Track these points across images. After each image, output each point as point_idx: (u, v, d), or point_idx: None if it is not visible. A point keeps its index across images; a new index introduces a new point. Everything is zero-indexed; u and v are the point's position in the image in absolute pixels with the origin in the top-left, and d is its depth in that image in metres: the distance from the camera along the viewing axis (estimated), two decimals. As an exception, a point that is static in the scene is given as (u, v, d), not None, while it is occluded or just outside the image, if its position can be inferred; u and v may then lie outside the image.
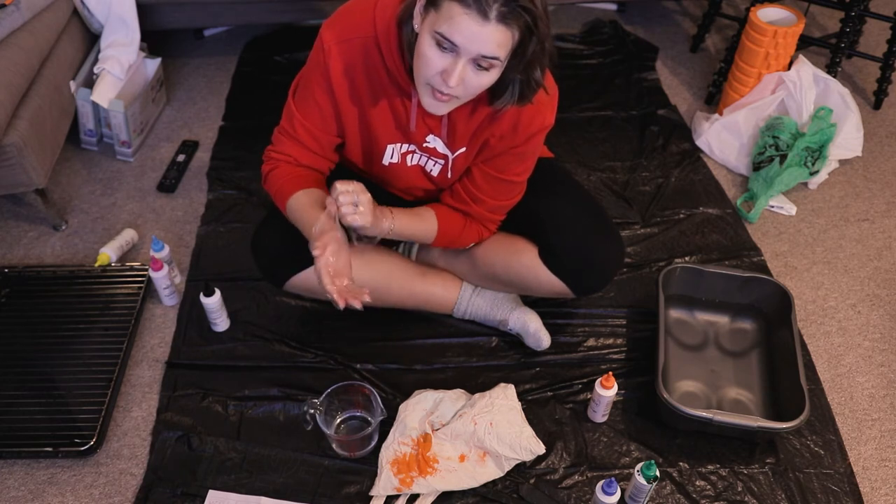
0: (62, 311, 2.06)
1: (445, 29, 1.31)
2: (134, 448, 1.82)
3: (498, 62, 1.35)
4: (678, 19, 3.31)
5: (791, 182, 2.42)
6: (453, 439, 1.75)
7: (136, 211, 2.40)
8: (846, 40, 2.61)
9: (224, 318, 2.03)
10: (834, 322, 2.13)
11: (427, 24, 1.35)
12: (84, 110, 2.50)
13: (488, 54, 1.32)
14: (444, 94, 1.40)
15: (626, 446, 1.83)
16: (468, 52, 1.33)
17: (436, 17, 1.32)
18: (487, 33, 1.30)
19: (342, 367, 1.96)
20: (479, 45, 1.31)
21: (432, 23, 1.33)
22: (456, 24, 1.29)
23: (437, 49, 1.35)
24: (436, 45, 1.34)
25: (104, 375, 1.91)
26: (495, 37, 1.30)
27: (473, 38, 1.30)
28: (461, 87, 1.38)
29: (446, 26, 1.31)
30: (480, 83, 1.39)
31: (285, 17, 2.88)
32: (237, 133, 2.68)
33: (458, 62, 1.34)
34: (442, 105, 1.45)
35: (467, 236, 1.83)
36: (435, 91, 1.41)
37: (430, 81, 1.40)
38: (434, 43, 1.34)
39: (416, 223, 1.74)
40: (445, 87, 1.38)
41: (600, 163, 2.58)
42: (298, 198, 1.66)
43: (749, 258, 2.27)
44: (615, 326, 2.08)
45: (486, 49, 1.32)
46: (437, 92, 1.41)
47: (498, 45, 1.32)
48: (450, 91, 1.38)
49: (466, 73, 1.36)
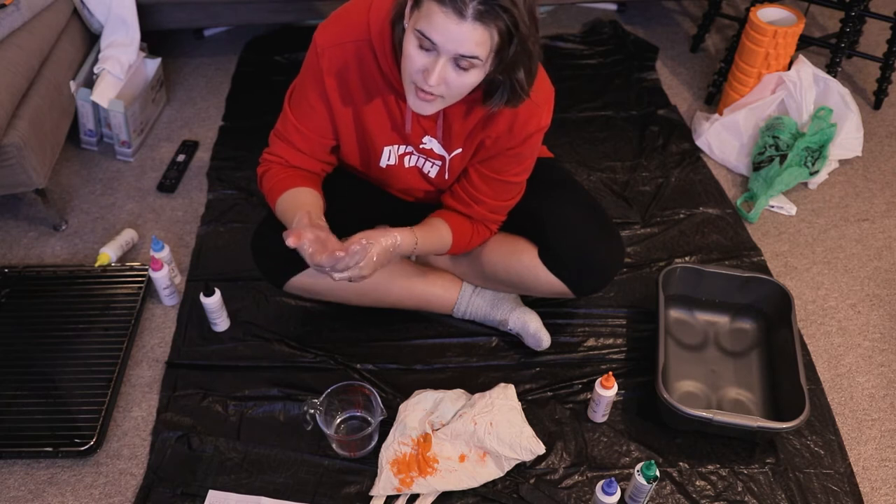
0: (62, 312, 2.06)
1: (424, 27, 1.32)
2: (134, 448, 1.82)
3: (478, 62, 1.35)
4: (678, 19, 3.31)
5: (791, 182, 2.42)
6: (453, 439, 1.75)
7: (136, 211, 2.40)
8: (846, 40, 2.61)
9: (224, 318, 2.03)
10: (834, 322, 2.13)
11: (411, 22, 1.36)
12: (84, 110, 2.50)
13: (466, 53, 1.32)
14: (426, 92, 1.40)
15: (626, 446, 1.83)
16: (447, 51, 1.33)
17: (418, 16, 1.33)
18: (464, 32, 1.30)
19: (342, 367, 1.96)
20: (456, 44, 1.31)
21: (415, 21, 1.34)
22: (433, 22, 1.30)
23: (418, 48, 1.35)
24: (417, 44, 1.35)
25: (104, 375, 1.91)
26: (472, 36, 1.30)
27: (450, 36, 1.30)
28: (443, 86, 1.39)
29: (425, 24, 1.31)
30: (463, 83, 1.39)
31: (285, 17, 2.88)
32: (237, 133, 2.68)
33: (438, 61, 1.34)
34: (426, 105, 1.45)
35: (475, 241, 1.83)
36: (418, 90, 1.41)
37: (414, 80, 1.40)
38: (416, 41, 1.35)
39: (435, 239, 1.74)
40: (426, 86, 1.38)
41: (600, 163, 2.58)
42: (285, 198, 1.67)
43: (749, 258, 2.27)
44: (615, 326, 2.08)
45: (463, 48, 1.32)
46: (420, 91, 1.41)
47: (476, 43, 1.31)
48: (431, 90, 1.39)
49: (447, 73, 1.36)
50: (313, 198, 1.67)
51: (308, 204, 1.64)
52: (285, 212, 1.66)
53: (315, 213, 1.59)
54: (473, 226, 1.80)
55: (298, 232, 1.46)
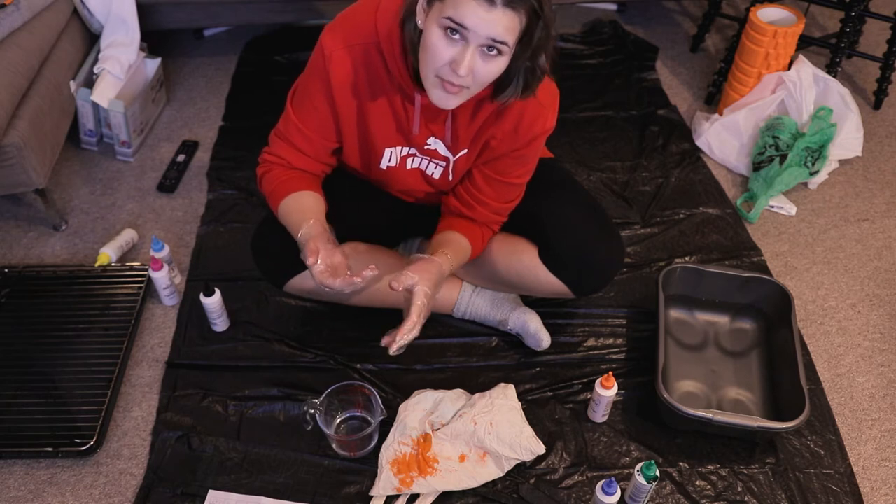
0: (62, 312, 2.06)
1: (454, 13, 1.31)
2: (134, 448, 1.82)
3: (507, 48, 1.35)
4: (678, 19, 3.31)
5: (791, 182, 2.42)
6: (453, 439, 1.75)
7: (136, 211, 2.40)
8: (846, 40, 2.61)
9: (224, 318, 2.03)
10: (834, 322, 2.13)
11: (433, 15, 1.35)
12: (84, 110, 2.50)
13: (497, 38, 1.32)
14: (454, 84, 1.39)
15: (626, 446, 1.83)
16: (477, 38, 1.32)
17: (442, 7, 1.32)
18: (495, 18, 1.30)
19: (342, 367, 1.96)
20: (488, 29, 1.31)
21: (439, 12, 1.33)
22: (464, 8, 1.30)
23: (445, 38, 1.34)
24: (444, 35, 1.34)
25: (104, 375, 1.91)
26: (503, 21, 1.30)
27: (482, 22, 1.30)
28: (471, 76, 1.37)
29: (455, 12, 1.31)
30: (489, 71, 1.38)
31: (285, 17, 2.87)
32: (237, 133, 2.68)
33: (467, 50, 1.34)
34: (452, 98, 1.43)
35: (485, 243, 1.84)
36: (445, 83, 1.39)
37: (440, 73, 1.38)
38: (442, 32, 1.34)
39: (462, 255, 1.74)
40: (456, 78, 1.37)
41: (600, 163, 2.58)
42: (288, 202, 1.67)
43: (749, 258, 2.27)
44: (615, 326, 2.08)
45: (495, 32, 1.31)
46: (448, 83, 1.39)
47: (506, 29, 1.31)
48: (460, 81, 1.37)
49: (476, 62, 1.36)
50: (316, 202, 1.67)
51: (312, 210, 1.64)
52: (289, 215, 1.66)
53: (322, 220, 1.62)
54: (480, 228, 1.80)
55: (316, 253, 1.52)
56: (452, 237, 1.76)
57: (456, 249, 1.73)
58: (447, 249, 1.70)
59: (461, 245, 1.75)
